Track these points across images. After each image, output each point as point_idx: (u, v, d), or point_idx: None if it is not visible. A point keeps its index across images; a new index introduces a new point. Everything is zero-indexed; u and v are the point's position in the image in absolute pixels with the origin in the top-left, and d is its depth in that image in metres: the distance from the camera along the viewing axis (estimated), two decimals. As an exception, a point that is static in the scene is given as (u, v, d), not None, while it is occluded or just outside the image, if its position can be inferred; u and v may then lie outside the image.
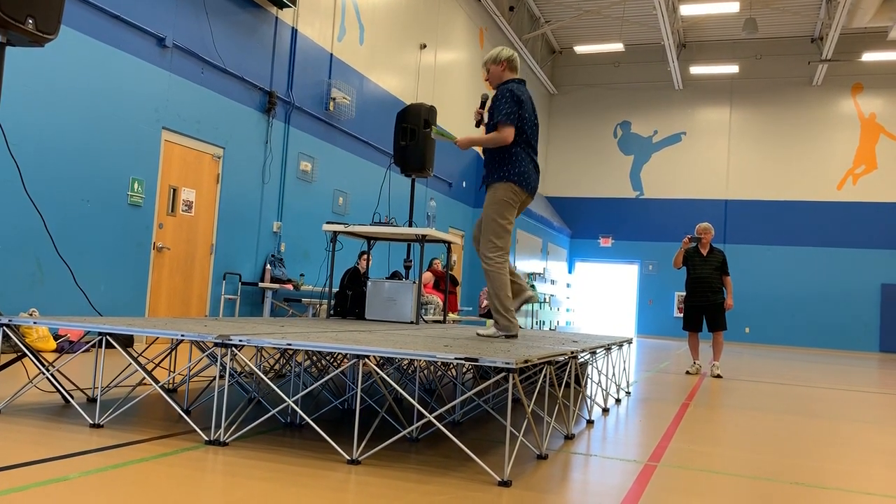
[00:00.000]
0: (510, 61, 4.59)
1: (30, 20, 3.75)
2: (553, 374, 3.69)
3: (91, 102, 7.37)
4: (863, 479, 3.34)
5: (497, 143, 4.43)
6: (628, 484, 2.97)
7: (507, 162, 4.47)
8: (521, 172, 4.48)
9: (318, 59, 11.08)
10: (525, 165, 4.50)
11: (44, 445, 2.95)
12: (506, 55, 4.60)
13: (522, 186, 4.48)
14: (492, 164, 4.53)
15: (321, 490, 2.56)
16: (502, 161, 4.48)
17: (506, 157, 4.47)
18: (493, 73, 4.62)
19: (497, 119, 4.42)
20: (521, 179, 4.47)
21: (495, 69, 4.60)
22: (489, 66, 4.62)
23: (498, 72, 4.60)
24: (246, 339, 3.14)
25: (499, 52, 4.61)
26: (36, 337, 6.48)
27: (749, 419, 5.12)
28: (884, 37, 19.67)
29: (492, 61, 4.62)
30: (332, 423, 3.88)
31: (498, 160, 4.49)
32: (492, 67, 4.61)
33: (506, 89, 4.47)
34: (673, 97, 22.49)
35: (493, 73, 4.62)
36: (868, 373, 11.13)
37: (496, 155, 4.50)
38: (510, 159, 4.47)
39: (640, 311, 22.48)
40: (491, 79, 4.64)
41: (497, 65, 4.59)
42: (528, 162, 4.53)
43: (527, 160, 4.52)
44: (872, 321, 20.23)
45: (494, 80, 4.63)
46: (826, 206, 20.88)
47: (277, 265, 10.02)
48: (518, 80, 4.59)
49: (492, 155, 4.53)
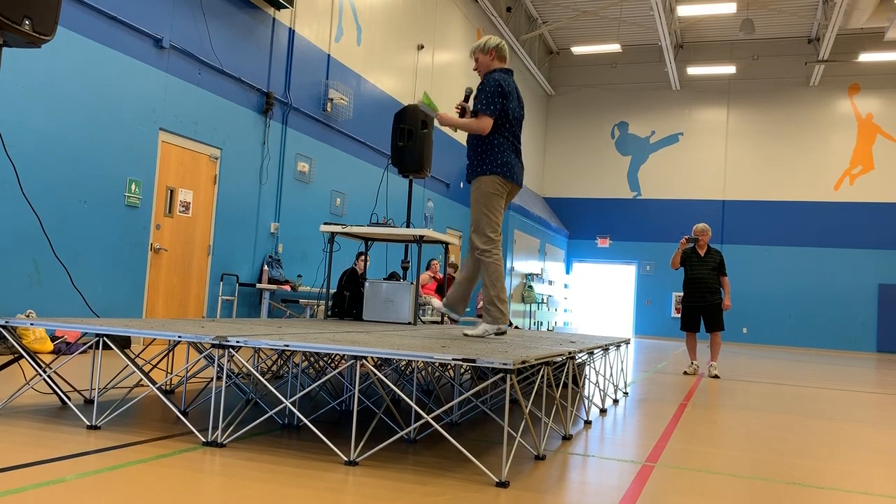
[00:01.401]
0: (498, 50, 4.56)
1: (26, 21, 3.75)
2: (551, 375, 3.69)
3: (88, 103, 7.36)
4: (861, 479, 3.35)
5: (473, 130, 4.43)
6: (626, 484, 2.97)
7: (489, 154, 4.46)
8: (504, 163, 4.46)
9: (316, 60, 11.08)
10: (508, 156, 4.49)
11: (40, 447, 2.95)
12: (493, 43, 4.57)
13: (507, 178, 4.47)
14: (475, 158, 4.52)
15: (319, 491, 2.55)
16: (485, 153, 4.47)
17: (488, 148, 4.46)
18: (482, 62, 4.59)
19: (477, 107, 4.42)
20: (504, 170, 4.46)
21: (483, 58, 4.58)
22: (477, 54, 4.60)
23: (486, 61, 4.57)
24: (243, 340, 3.14)
25: (487, 41, 4.59)
26: (33, 338, 6.47)
27: (747, 419, 5.13)
28: (880, 37, 19.70)
29: (480, 49, 4.59)
30: (330, 424, 3.88)
31: (481, 152, 4.48)
32: (480, 56, 4.59)
33: (493, 79, 4.44)
34: (670, 98, 22.51)
35: (482, 61, 4.59)
36: (865, 373, 11.14)
37: (479, 147, 4.49)
38: (493, 151, 4.46)
39: (637, 311, 22.50)
40: (479, 67, 4.62)
41: (485, 54, 4.57)
42: (511, 153, 4.51)
43: (510, 151, 4.50)
44: (869, 321, 20.26)
45: (482, 68, 4.60)
46: (823, 206, 20.92)
47: (275, 266, 10.02)
48: (506, 69, 4.56)
49: (474, 147, 4.52)
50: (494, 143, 4.46)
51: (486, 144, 4.47)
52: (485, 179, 4.47)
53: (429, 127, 6.47)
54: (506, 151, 4.48)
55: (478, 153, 4.50)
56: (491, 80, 4.44)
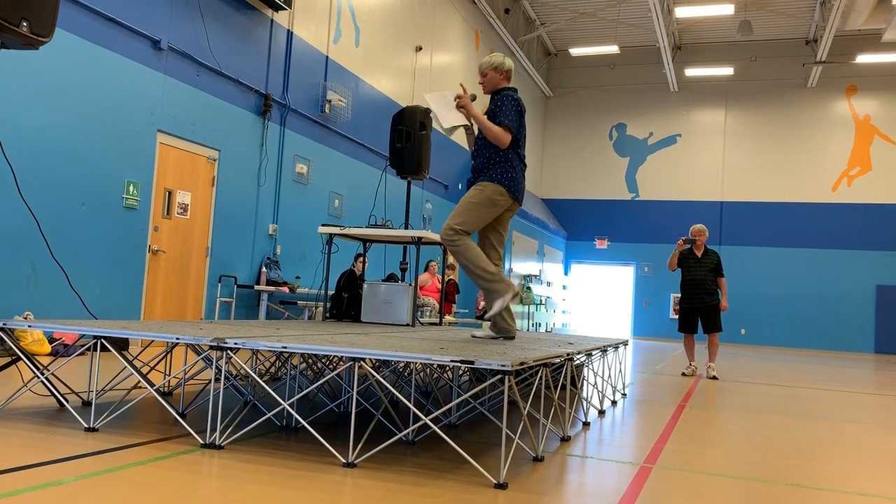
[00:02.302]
0: (510, 72, 4.64)
1: (24, 23, 3.74)
2: (549, 377, 3.69)
3: (86, 105, 7.35)
4: (859, 480, 3.35)
5: (494, 136, 4.43)
6: (624, 486, 2.97)
7: (501, 165, 4.49)
8: (512, 178, 4.51)
9: (314, 62, 11.08)
10: (517, 173, 4.54)
11: (38, 449, 2.94)
12: (508, 65, 4.63)
13: (510, 192, 4.50)
14: (486, 164, 4.54)
15: (317, 493, 2.55)
16: (497, 164, 4.50)
17: (501, 160, 4.50)
18: (490, 79, 4.62)
19: (502, 120, 4.44)
20: (510, 185, 4.49)
21: (494, 76, 4.61)
22: (488, 70, 4.62)
23: (497, 79, 4.62)
24: (241, 341, 3.14)
25: (502, 61, 4.63)
26: (31, 340, 6.46)
27: (745, 420, 5.13)
28: (878, 39, 19.74)
29: (492, 67, 4.62)
30: (328, 426, 3.87)
31: (493, 163, 4.51)
32: (490, 73, 4.61)
33: (511, 97, 4.50)
34: (668, 99, 22.54)
35: (491, 78, 4.62)
36: (863, 374, 11.15)
37: (491, 158, 4.51)
38: (504, 164, 4.49)
39: (635, 312, 22.51)
40: (486, 83, 4.65)
41: (497, 72, 4.61)
42: (519, 170, 4.57)
43: (518, 168, 4.56)
44: (867, 322, 20.28)
45: (490, 85, 4.64)
46: (821, 207, 20.95)
47: (273, 268, 10.01)
48: (514, 88, 4.63)
49: (486, 158, 4.54)
50: (508, 158, 4.51)
51: (499, 156, 4.50)
52: (489, 185, 4.49)
53: (427, 129, 6.47)
54: (516, 168, 4.53)
55: (490, 163, 4.52)
56: (510, 98, 4.49)
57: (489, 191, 4.48)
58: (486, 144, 4.55)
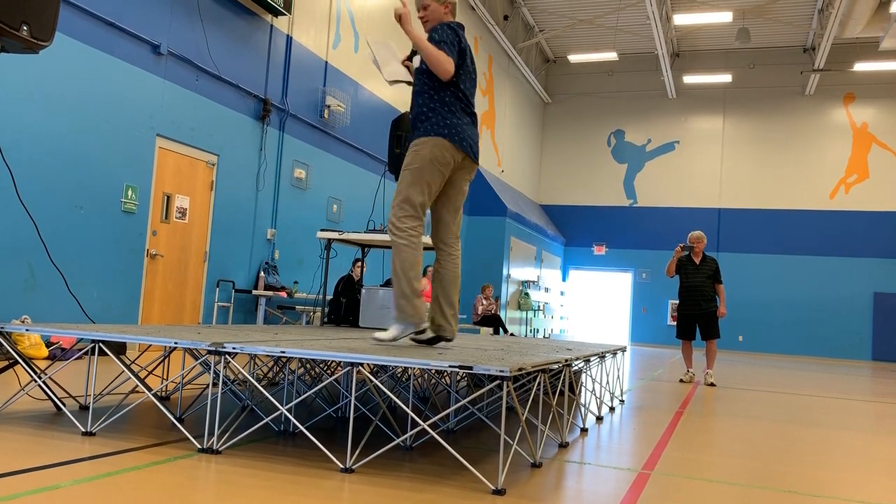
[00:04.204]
0: (454, 5, 4.04)
1: (24, 27, 3.75)
2: (547, 383, 3.69)
3: (85, 109, 7.36)
4: (856, 487, 3.35)
5: (435, 61, 3.72)
6: (622, 492, 2.97)
7: (437, 113, 3.79)
8: (454, 125, 3.78)
9: (313, 67, 11.10)
10: (459, 118, 3.83)
11: (35, 453, 2.94)
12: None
13: (455, 143, 3.77)
14: (418, 118, 3.85)
15: (315, 499, 2.55)
16: (432, 111, 3.80)
17: (437, 106, 3.80)
18: (433, 11, 3.98)
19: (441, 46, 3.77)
20: (453, 134, 3.77)
21: (436, 7, 3.98)
22: (430, 2, 3.98)
23: (440, 12, 3.99)
24: (239, 346, 3.14)
25: None
26: (28, 344, 6.45)
27: (743, 427, 5.13)
28: (875, 47, 19.81)
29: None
30: (326, 431, 3.87)
31: (428, 110, 3.81)
32: (432, 4, 3.98)
33: (449, 25, 3.87)
34: (666, 106, 22.59)
35: (434, 10, 3.98)
36: (861, 381, 11.16)
37: (425, 105, 3.83)
38: (442, 110, 3.79)
39: (633, 319, 22.52)
40: (429, 16, 3.99)
41: (440, 3, 3.99)
42: (463, 115, 3.86)
43: (462, 113, 3.85)
44: (865, 330, 20.30)
45: (433, 19, 3.99)
46: (819, 214, 20.98)
47: (271, 272, 10.00)
48: (459, 24, 3.99)
49: (419, 107, 3.86)
50: (446, 101, 3.80)
51: (436, 101, 3.81)
52: (426, 142, 3.76)
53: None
54: (457, 112, 3.83)
55: (425, 110, 3.82)
56: (446, 27, 3.85)
57: (428, 148, 3.75)
58: (419, 92, 3.89)
